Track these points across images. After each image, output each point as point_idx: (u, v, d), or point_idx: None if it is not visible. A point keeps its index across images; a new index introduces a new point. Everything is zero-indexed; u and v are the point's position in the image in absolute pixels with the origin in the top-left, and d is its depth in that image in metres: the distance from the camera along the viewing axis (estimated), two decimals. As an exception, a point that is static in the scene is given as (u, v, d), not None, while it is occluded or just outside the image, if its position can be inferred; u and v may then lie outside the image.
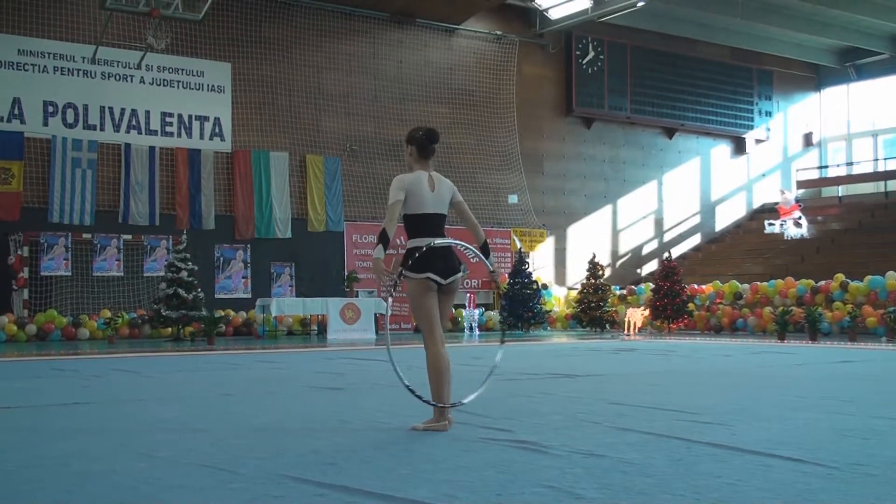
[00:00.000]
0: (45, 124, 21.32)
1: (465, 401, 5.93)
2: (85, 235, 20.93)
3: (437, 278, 5.73)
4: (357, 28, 25.60)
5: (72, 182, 21.18)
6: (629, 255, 30.56)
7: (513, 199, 27.23)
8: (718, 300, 23.42)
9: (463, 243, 6.03)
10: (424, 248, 5.68)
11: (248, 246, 23.05)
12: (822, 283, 21.59)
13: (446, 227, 5.93)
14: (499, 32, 27.69)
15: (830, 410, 6.67)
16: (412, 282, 5.73)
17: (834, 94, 35.33)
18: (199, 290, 19.73)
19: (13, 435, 5.76)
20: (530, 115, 28.27)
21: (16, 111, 21.06)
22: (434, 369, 5.71)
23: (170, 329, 19.93)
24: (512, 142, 27.53)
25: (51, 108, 21.43)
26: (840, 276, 21.35)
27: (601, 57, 29.55)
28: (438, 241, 5.74)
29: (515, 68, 27.84)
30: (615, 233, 30.36)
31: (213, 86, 23.38)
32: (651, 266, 30.39)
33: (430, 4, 25.50)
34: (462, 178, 26.49)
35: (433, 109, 26.27)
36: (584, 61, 29.27)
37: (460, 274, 5.88)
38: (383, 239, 5.63)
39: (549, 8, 27.71)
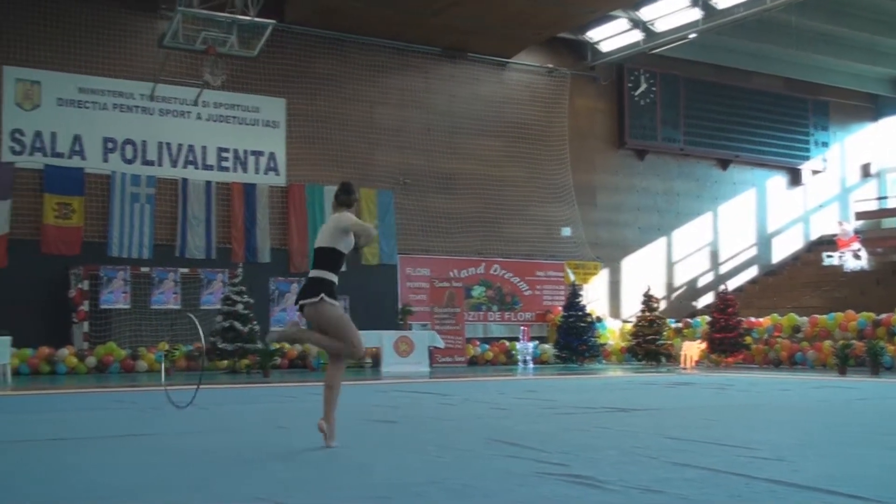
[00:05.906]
0: (105, 160, 21.78)
1: None
2: (143, 269, 21.24)
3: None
4: (409, 63, 25.84)
5: (130, 216, 21.58)
6: (684, 287, 30.25)
7: (566, 231, 27.13)
8: (777, 333, 23.04)
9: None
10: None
11: (303, 279, 23.20)
12: (884, 315, 21.15)
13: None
14: (550, 66, 27.76)
15: (893, 447, 6.52)
16: (336, 306, 6.95)
17: (892, 124, 34.76)
18: (255, 322, 19.91)
19: (71, 469, 5.85)
20: (582, 148, 28.22)
21: (76, 147, 21.54)
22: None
23: (226, 361, 20.11)
24: (564, 174, 27.48)
25: (110, 145, 21.88)
26: (901, 309, 20.92)
27: (653, 89, 29.47)
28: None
29: (567, 101, 27.85)
30: (670, 265, 30.09)
31: (267, 121, 23.72)
32: (707, 299, 30.01)
33: (482, 39, 25.64)
34: (514, 210, 26.49)
35: (485, 143, 26.36)
36: (637, 93, 29.22)
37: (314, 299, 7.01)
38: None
39: (600, 41, 27.77)
